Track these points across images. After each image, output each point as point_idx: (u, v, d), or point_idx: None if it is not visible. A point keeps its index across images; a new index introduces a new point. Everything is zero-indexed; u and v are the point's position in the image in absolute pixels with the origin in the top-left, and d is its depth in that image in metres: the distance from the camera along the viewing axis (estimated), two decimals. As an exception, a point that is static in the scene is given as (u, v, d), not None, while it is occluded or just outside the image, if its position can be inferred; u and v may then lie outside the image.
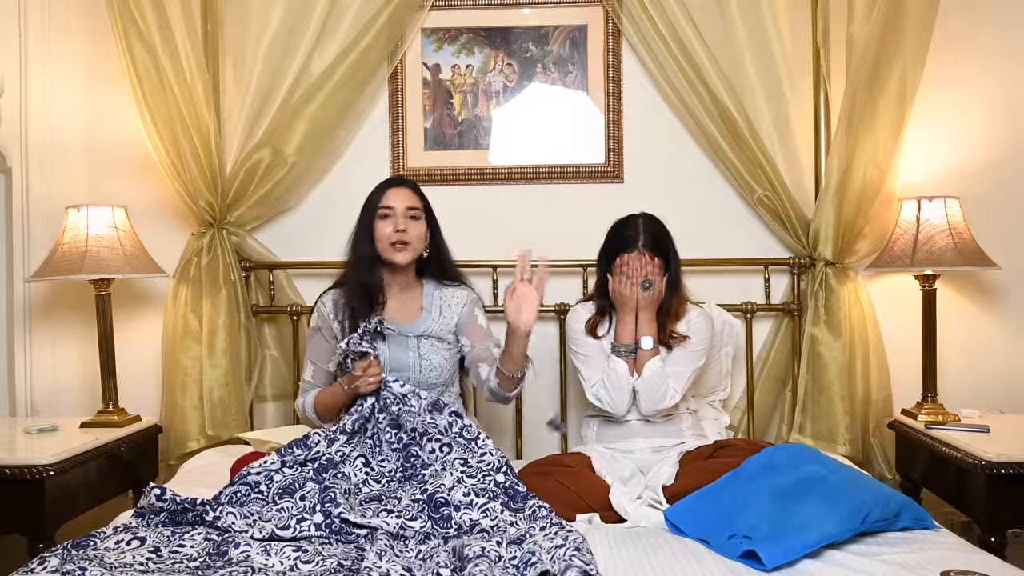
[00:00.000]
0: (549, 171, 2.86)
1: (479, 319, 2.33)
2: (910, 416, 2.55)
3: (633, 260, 2.27)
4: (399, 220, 2.22)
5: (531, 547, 1.67)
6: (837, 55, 2.68)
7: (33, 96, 2.78)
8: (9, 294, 2.81)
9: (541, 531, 1.77)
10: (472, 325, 2.31)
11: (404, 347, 2.23)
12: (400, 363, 2.21)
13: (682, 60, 2.69)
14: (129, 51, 2.56)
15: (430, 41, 2.86)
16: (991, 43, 2.76)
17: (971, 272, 2.74)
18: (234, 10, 2.79)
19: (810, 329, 2.68)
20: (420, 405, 2.05)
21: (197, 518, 1.83)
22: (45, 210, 2.77)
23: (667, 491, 2.06)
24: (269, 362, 2.85)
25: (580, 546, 1.66)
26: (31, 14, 2.77)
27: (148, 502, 1.87)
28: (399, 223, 2.21)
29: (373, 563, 1.63)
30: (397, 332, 2.23)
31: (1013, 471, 2.10)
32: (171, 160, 2.64)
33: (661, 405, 2.29)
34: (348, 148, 2.87)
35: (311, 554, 1.69)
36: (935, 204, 2.55)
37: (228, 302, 2.71)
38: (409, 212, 2.23)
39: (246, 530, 1.78)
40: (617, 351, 2.30)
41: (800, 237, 2.72)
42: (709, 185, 2.84)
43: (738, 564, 1.69)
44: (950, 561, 1.65)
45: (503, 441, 2.81)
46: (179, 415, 2.67)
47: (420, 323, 2.26)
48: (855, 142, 2.58)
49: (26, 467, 2.14)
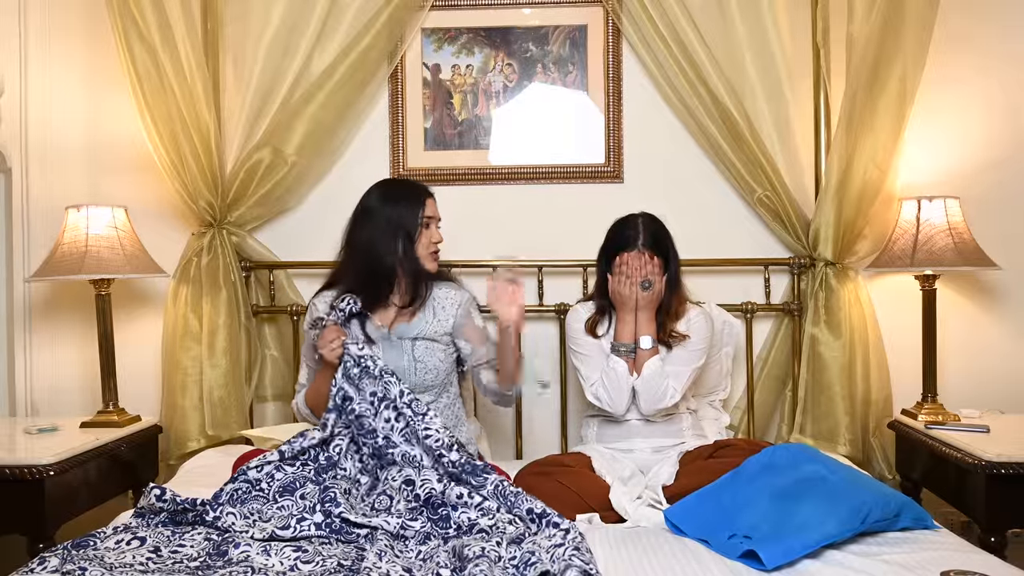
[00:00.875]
0: (549, 171, 2.86)
1: (476, 319, 2.34)
2: (910, 416, 2.55)
3: (633, 260, 2.28)
4: (436, 233, 2.27)
5: (530, 547, 1.67)
6: (837, 55, 2.68)
7: (33, 96, 2.78)
8: (9, 294, 2.81)
9: (534, 524, 1.78)
10: (470, 327, 2.31)
11: (399, 350, 2.22)
12: (395, 366, 2.19)
13: (682, 60, 2.69)
14: (129, 51, 2.56)
15: (430, 41, 2.86)
16: (991, 43, 2.76)
17: (971, 272, 2.74)
18: (234, 9, 2.79)
19: (810, 329, 2.68)
20: (377, 367, 2.06)
21: (197, 518, 1.83)
22: (45, 210, 2.77)
23: (667, 491, 2.06)
24: (269, 362, 2.85)
25: (579, 545, 1.66)
26: (31, 14, 2.77)
27: (148, 502, 1.87)
28: (436, 235, 2.27)
29: (373, 563, 1.63)
30: (395, 335, 2.23)
31: (1013, 471, 2.10)
32: (171, 160, 2.64)
33: (660, 405, 2.29)
34: (348, 148, 2.87)
35: (311, 554, 1.69)
36: (935, 204, 2.55)
37: (228, 302, 2.71)
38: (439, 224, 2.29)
39: (246, 530, 1.78)
40: (617, 351, 2.30)
41: (800, 237, 2.72)
42: (709, 185, 2.84)
43: (738, 564, 1.69)
44: (950, 561, 1.65)
45: (503, 442, 2.81)
46: (179, 415, 2.67)
47: (415, 325, 2.26)
48: (855, 142, 2.59)
49: (26, 467, 2.14)
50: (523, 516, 1.83)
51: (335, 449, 2.04)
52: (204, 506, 1.84)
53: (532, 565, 1.59)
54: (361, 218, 2.25)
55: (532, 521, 1.81)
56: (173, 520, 1.86)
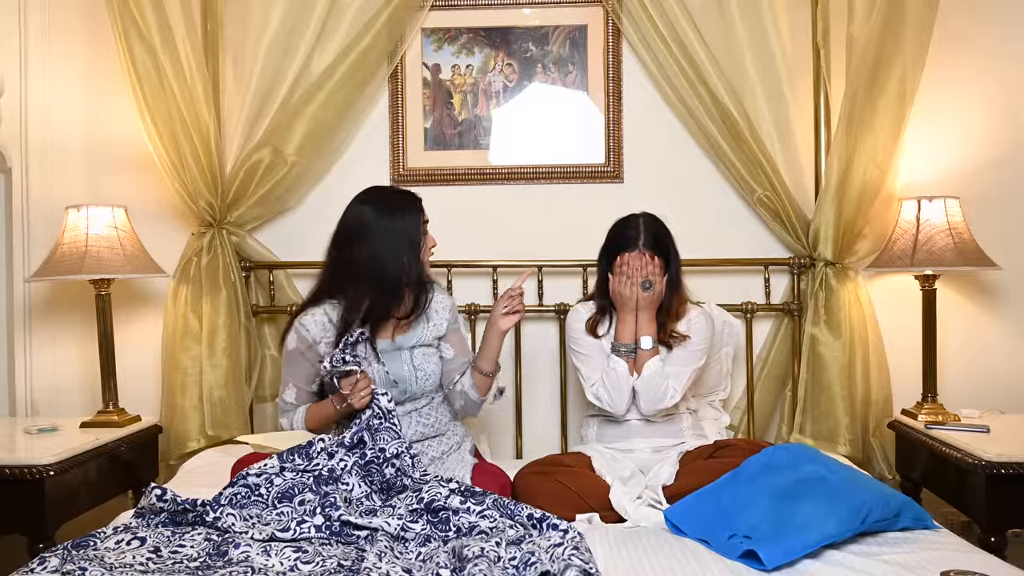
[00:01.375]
0: (549, 171, 2.86)
1: (460, 328, 2.37)
2: (910, 416, 2.55)
3: (633, 260, 2.27)
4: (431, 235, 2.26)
5: (530, 547, 1.67)
6: (837, 55, 2.68)
7: (33, 96, 2.78)
8: (9, 294, 2.81)
9: (534, 529, 1.78)
10: (456, 335, 2.32)
11: (399, 360, 2.21)
12: (397, 376, 2.19)
13: (682, 60, 2.69)
14: (129, 51, 2.56)
15: (430, 41, 2.86)
16: (991, 44, 2.76)
17: (971, 272, 2.74)
18: (234, 10, 2.79)
19: (810, 329, 2.68)
20: (399, 426, 2.03)
21: (197, 518, 1.83)
22: (45, 210, 2.77)
23: (667, 491, 2.06)
24: (269, 362, 2.85)
25: (578, 545, 1.66)
26: (31, 14, 2.77)
27: (149, 502, 1.87)
28: (431, 239, 2.26)
29: (373, 564, 1.63)
30: (395, 346, 2.22)
31: (1013, 471, 2.10)
32: (171, 160, 2.64)
33: (661, 405, 2.29)
34: (348, 148, 2.87)
35: (311, 554, 1.69)
36: (935, 204, 2.55)
37: (228, 302, 2.71)
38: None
39: (246, 531, 1.78)
40: (617, 351, 2.30)
41: (800, 237, 2.72)
42: (709, 185, 2.84)
43: (738, 564, 1.69)
44: (950, 561, 1.66)
45: (503, 442, 2.81)
46: (179, 415, 2.67)
47: (413, 334, 2.24)
48: (855, 142, 2.59)
49: (26, 467, 2.14)
50: (523, 521, 1.82)
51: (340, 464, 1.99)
52: (204, 507, 1.84)
53: (532, 565, 1.59)
54: (357, 234, 2.15)
55: (533, 526, 1.81)
56: (173, 520, 1.86)
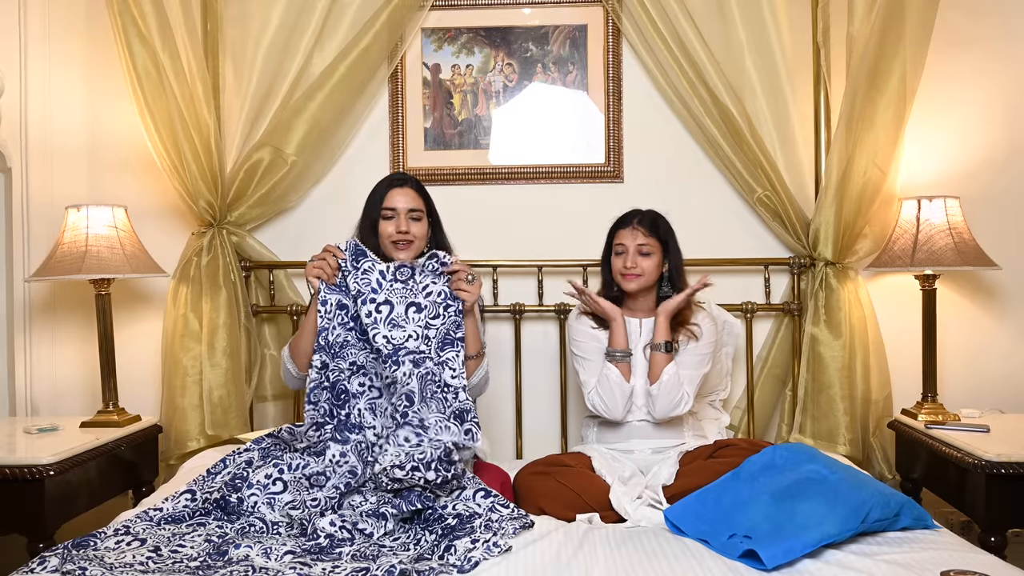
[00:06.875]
0: (549, 171, 2.86)
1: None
2: (910, 416, 2.55)
3: (626, 234, 2.33)
4: (401, 222, 2.22)
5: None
6: (837, 55, 2.69)
7: (33, 96, 2.78)
8: (9, 294, 2.81)
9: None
10: None
11: None
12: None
13: (682, 60, 2.69)
14: (129, 51, 2.56)
15: (430, 41, 2.86)
16: (991, 43, 2.76)
17: (971, 272, 2.74)
18: (234, 10, 2.79)
19: (810, 329, 2.68)
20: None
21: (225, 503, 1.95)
22: (45, 210, 2.77)
23: (667, 491, 2.06)
24: (269, 362, 2.85)
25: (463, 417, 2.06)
26: (31, 14, 2.76)
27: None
28: (401, 224, 2.22)
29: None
30: None
31: (1013, 471, 2.10)
32: (171, 160, 2.64)
33: (676, 411, 2.29)
34: (348, 148, 2.87)
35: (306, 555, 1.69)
36: (935, 204, 2.56)
37: (228, 302, 2.70)
38: (411, 214, 2.24)
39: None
40: (611, 357, 2.31)
41: (800, 237, 2.72)
42: (709, 185, 2.84)
43: (738, 564, 1.69)
44: (950, 561, 1.66)
45: (503, 441, 2.81)
46: (179, 415, 2.67)
47: None
48: (855, 142, 2.59)
49: (26, 467, 2.14)
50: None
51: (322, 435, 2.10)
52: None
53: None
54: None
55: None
56: (177, 519, 1.88)
